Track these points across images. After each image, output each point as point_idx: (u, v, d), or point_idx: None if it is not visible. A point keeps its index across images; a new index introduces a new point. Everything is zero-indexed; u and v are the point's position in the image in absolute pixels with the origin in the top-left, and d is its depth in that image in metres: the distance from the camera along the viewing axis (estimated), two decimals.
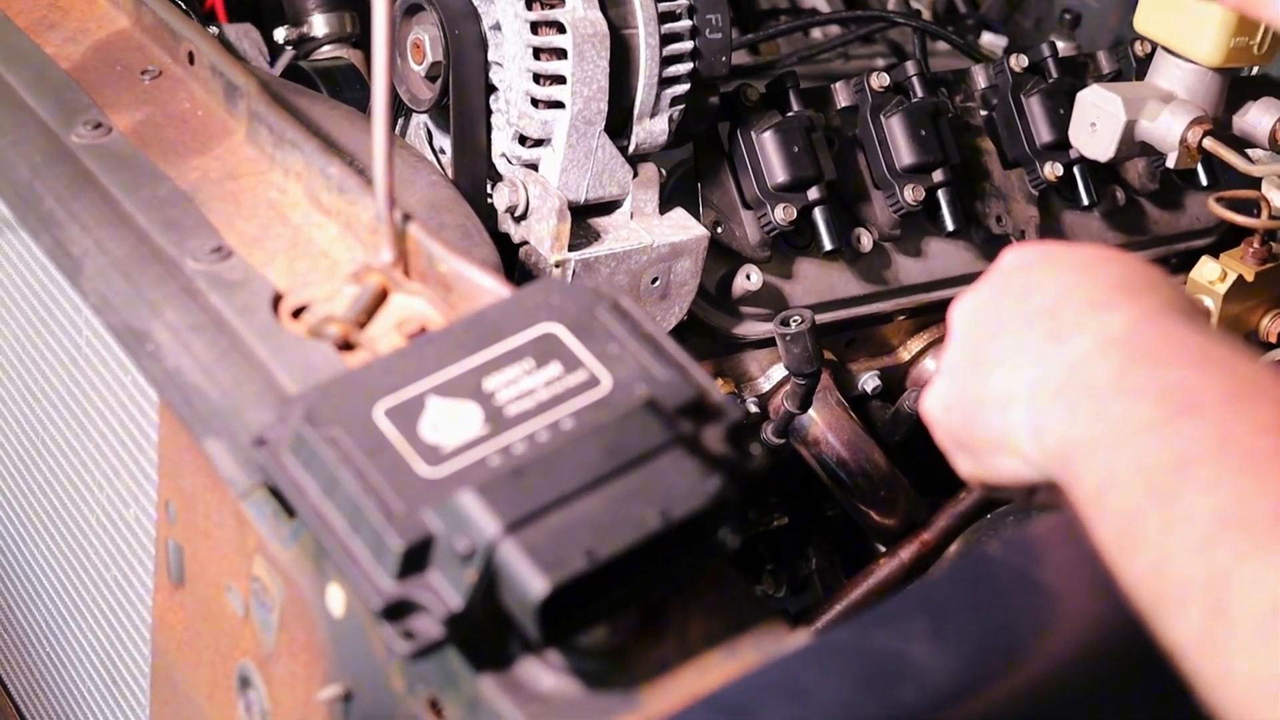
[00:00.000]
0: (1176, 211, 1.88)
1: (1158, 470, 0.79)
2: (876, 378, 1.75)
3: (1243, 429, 0.78)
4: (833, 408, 1.68)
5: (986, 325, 0.95)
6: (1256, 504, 0.74)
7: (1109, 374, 0.85)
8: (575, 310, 0.96)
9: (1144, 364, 0.84)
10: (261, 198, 1.17)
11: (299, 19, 1.86)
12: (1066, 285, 0.92)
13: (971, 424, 0.95)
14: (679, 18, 1.46)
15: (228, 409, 1.01)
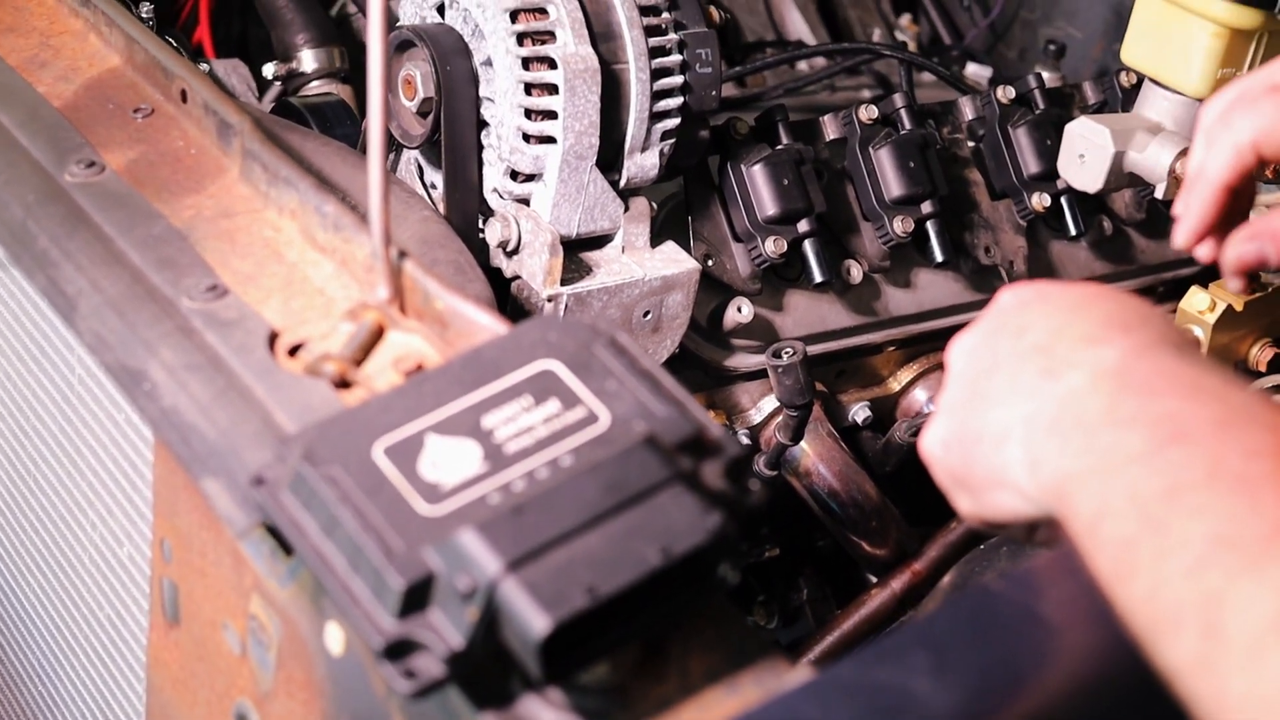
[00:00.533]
0: (1163, 241, 1.89)
1: (1150, 498, 0.79)
2: (867, 408, 1.76)
3: (1233, 455, 0.78)
4: (824, 439, 1.68)
5: (983, 363, 0.96)
6: (1247, 526, 0.75)
7: (1100, 406, 0.85)
8: (573, 347, 0.97)
9: (1135, 395, 0.85)
10: (256, 236, 1.17)
11: (288, 54, 1.87)
12: (1060, 323, 0.92)
13: (969, 461, 0.95)
14: (669, 53, 1.46)
15: (225, 448, 1.01)
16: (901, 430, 1.71)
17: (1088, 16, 2.36)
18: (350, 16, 2.04)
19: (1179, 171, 1.47)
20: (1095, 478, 0.83)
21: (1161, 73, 1.50)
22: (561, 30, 1.40)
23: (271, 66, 1.86)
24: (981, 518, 0.98)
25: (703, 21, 1.50)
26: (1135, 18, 1.52)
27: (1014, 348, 0.93)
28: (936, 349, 1.80)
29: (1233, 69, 1.46)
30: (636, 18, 1.44)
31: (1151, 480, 0.80)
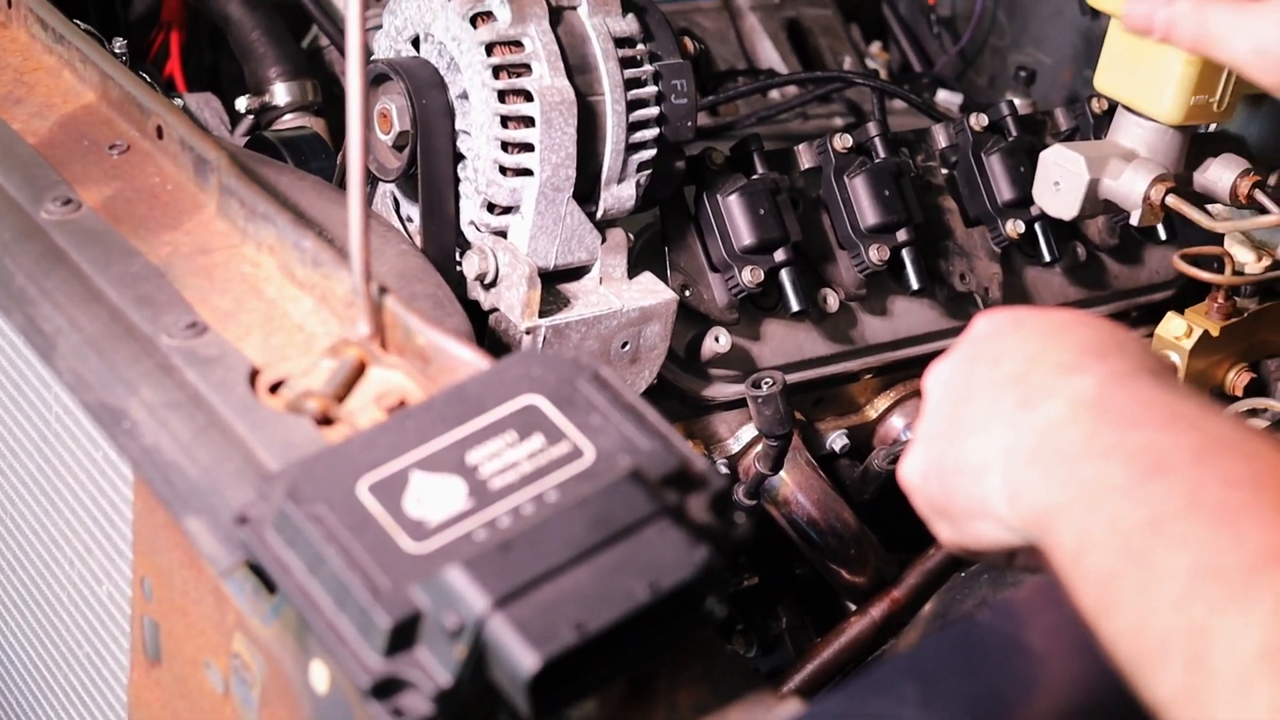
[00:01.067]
0: (1137, 266, 1.90)
1: (1132, 530, 0.79)
2: (844, 436, 1.76)
3: (1213, 484, 0.78)
4: (802, 467, 1.68)
5: (960, 392, 0.96)
6: (1231, 556, 0.75)
7: (1080, 437, 0.86)
8: (556, 381, 0.97)
9: (1113, 426, 0.85)
10: (235, 272, 1.17)
11: (260, 88, 1.87)
12: (1036, 350, 0.93)
13: (949, 491, 0.95)
14: (645, 84, 1.46)
15: (207, 486, 1.00)
16: (879, 458, 1.71)
17: (1057, 43, 2.37)
18: (322, 49, 2.04)
19: (1154, 199, 1.47)
20: (1077, 509, 0.83)
21: (1134, 100, 1.51)
22: (537, 63, 1.40)
23: (244, 100, 1.86)
24: (962, 546, 0.98)
25: (677, 52, 1.50)
26: (1107, 46, 1.52)
27: (991, 376, 0.93)
28: (913, 376, 1.80)
29: (1205, 95, 1.46)
30: (612, 50, 1.44)
31: (1133, 511, 0.80)
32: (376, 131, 1.46)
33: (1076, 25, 2.31)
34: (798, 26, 2.40)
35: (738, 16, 2.35)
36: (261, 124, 1.86)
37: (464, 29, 1.41)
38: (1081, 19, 2.28)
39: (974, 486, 0.92)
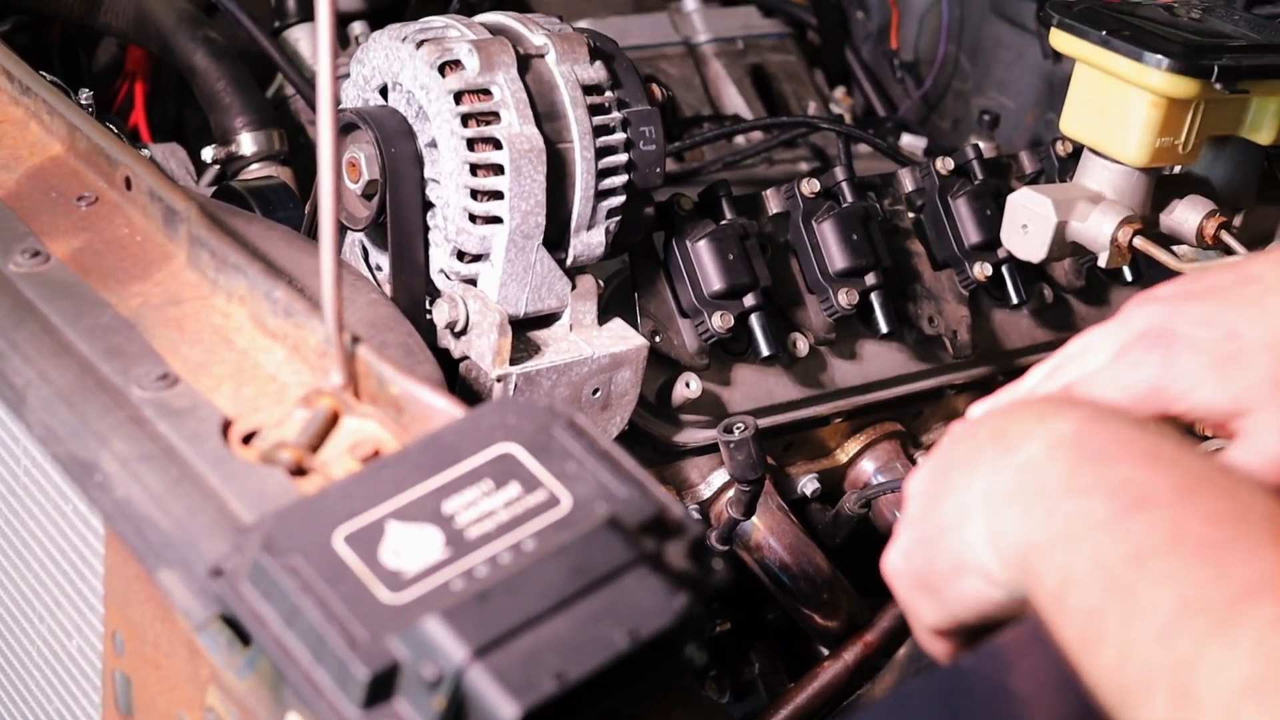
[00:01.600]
0: (1103, 307, 1.91)
1: (1115, 565, 0.80)
2: (815, 481, 1.76)
3: (1194, 520, 0.79)
4: (774, 512, 1.68)
5: (938, 472, 0.96)
6: (1214, 591, 0.75)
7: (1059, 475, 0.86)
8: (532, 429, 0.96)
9: (1093, 463, 0.85)
10: (205, 323, 1.17)
11: (226, 138, 1.86)
12: (1011, 412, 0.94)
13: (932, 557, 0.95)
14: (613, 131, 1.47)
15: (181, 539, 0.99)
16: (851, 502, 1.71)
17: (1019, 86, 2.39)
18: (288, 99, 2.04)
19: (1121, 240, 1.48)
20: (1059, 546, 0.83)
21: (1101, 143, 1.52)
22: (506, 111, 1.41)
23: (210, 150, 1.86)
24: (951, 618, 0.97)
25: (645, 99, 1.50)
26: (1073, 89, 1.53)
27: (968, 447, 0.94)
28: (883, 420, 1.80)
29: (1170, 138, 1.47)
30: (580, 97, 1.45)
31: (1115, 547, 0.80)
32: (345, 180, 1.46)
33: (1038, 69, 2.33)
34: (762, 72, 2.41)
35: (702, 62, 2.36)
36: (228, 174, 1.85)
37: (432, 77, 1.41)
38: (1043, 63, 2.30)
39: (955, 539, 0.92)
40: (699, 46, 2.39)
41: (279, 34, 2.06)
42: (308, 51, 2.05)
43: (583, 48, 1.47)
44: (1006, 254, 1.73)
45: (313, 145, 1.98)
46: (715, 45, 2.39)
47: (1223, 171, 1.65)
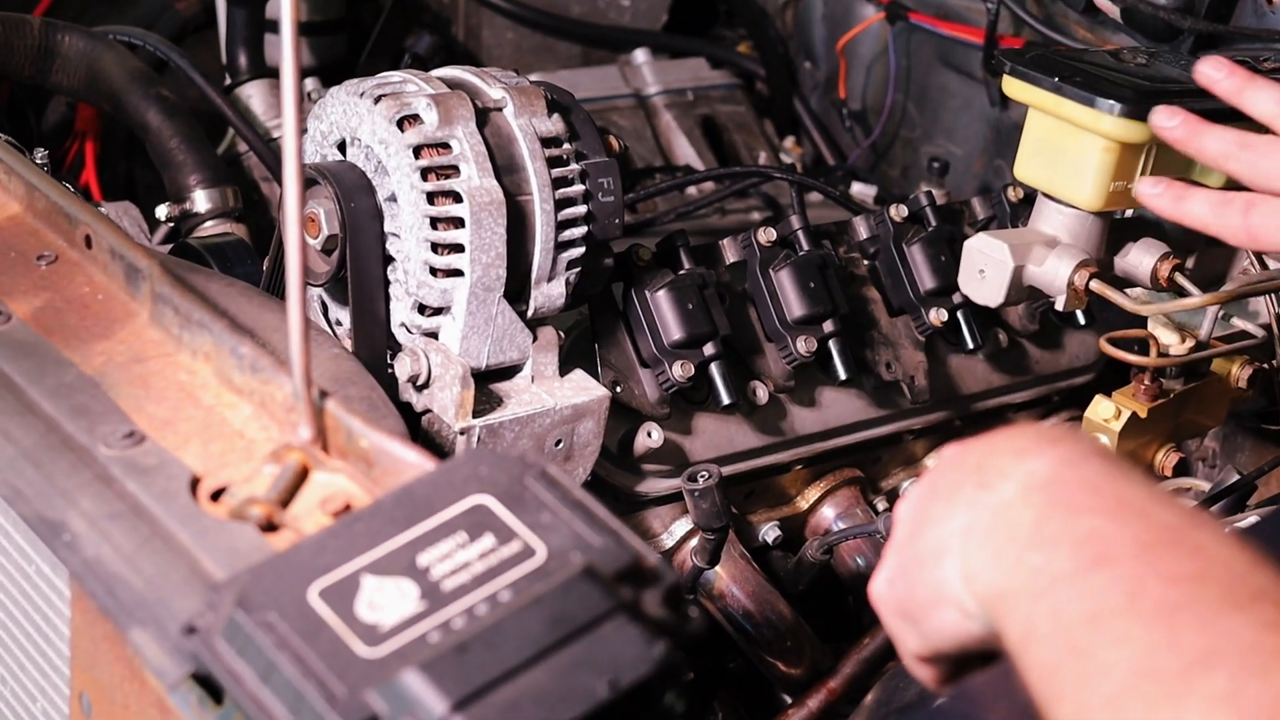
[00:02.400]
0: (1057, 351, 1.92)
1: (1073, 623, 0.80)
2: (777, 528, 1.76)
3: (1153, 580, 0.79)
4: (736, 560, 1.68)
5: (925, 500, 0.97)
6: (1166, 658, 0.75)
7: (1029, 521, 0.86)
8: (505, 480, 0.96)
9: (1061, 512, 0.86)
10: (171, 380, 1.16)
11: (180, 195, 1.86)
12: (996, 442, 0.94)
13: (912, 586, 0.95)
14: (572, 183, 1.47)
15: (153, 597, 0.99)
16: (813, 548, 1.72)
17: (967, 134, 2.41)
18: (240, 155, 2.04)
19: (1078, 284, 1.50)
20: (1024, 599, 0.84)
21: (1055, 187, 1.53)
22: (465, 164, 1.41)
23: (164, 208, 1.86)
24: (931, 648, 0.97)
25: (603, 151, 1.51)
26: (1026, 135, 1.55)
27: (953, 474, 0.94)
28: (842, 466, 1.81)
29: (1124, 182, 1.49)
30: (539, 149, 1.45)
31: (1075, 604, 0.81)
32: (305, 236, 1.46)
33: (986, 116, 2.35)
34: (712, 123, 2.43)
35: (653, 114, 2.38)
36: (182, 231, 1.85)
37: (391, 132, 1.41)
38: (991, 110, 2.32)
39: (934, 571, 0.92)
40: (649, 98, 2.41)
41: (230, 91, 2.07)
42: (260, 108, 2.05)
43: (540, 101, 1.47)
44: (961, 299, 1.74)
45: (267, 202, 1.98)
46: (665, 97, 2.41)
47: None
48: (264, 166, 1.97)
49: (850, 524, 1.77)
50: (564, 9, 2.56)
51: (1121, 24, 2.00)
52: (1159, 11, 1.89)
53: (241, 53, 2.07)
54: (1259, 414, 1.78)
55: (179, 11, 2.30)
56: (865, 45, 2.54)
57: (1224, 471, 1.63)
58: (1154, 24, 1.92)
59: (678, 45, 2.58)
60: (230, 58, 2.08)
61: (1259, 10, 1.87)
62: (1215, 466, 1.91)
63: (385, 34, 2.45)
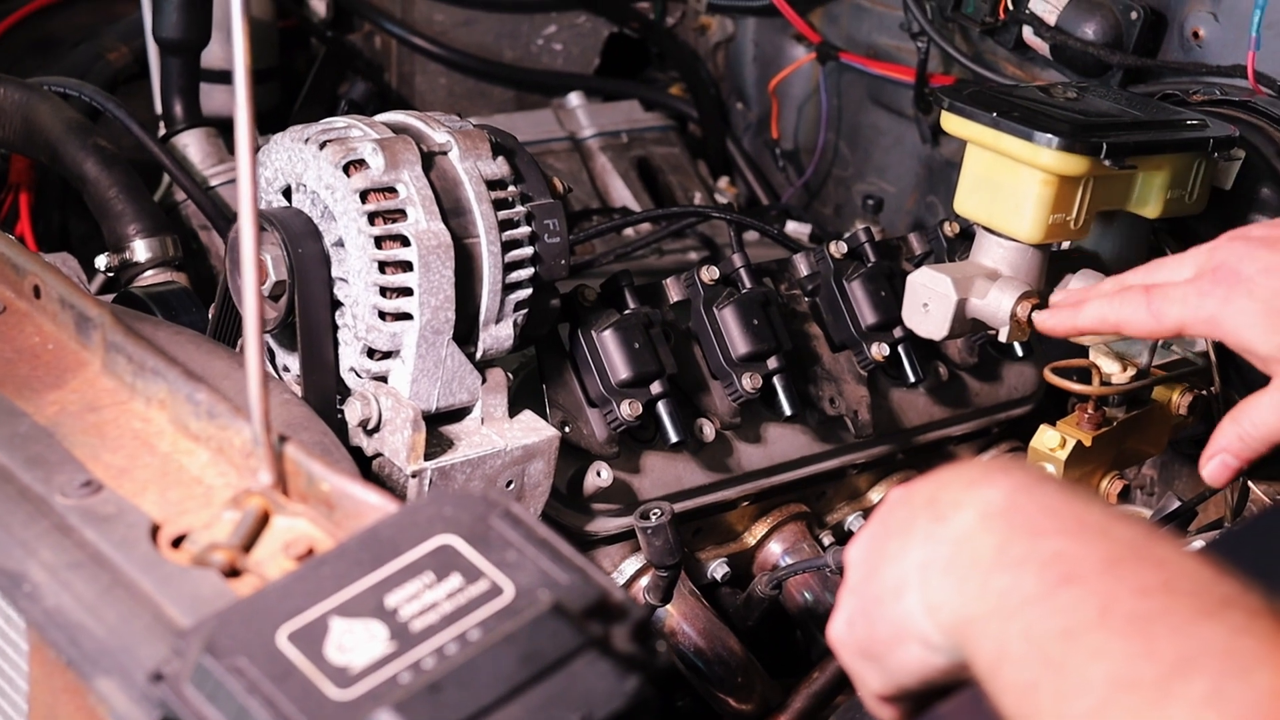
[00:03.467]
0: (996, 382, 1.94)
1: (1047, 641, 0.81)
2: (725, 565, 1.77)
3: (1124, 593, 0.80)
4: (686, 598, 1.69)
5: (876, 539, 0.97)
6: (1144, 667, 0.76)
7: (991, 548, 0.87)
8: (469, 520, 0.97)
9: (1023, 536, 0.87)
10: (125, 428, 1.16)
11: (120, 245, 1.85)
12: (943, 478, 0.95)
13: (872, 625, 0.96)
14: (518, 225, 1.48)
15: (117, 646, 0.98)
16: (762, 584, 1.72)
17: (899, 171, 2.44)
18: (178, 204, 2.04)
19: (1020, 316, 1.51)
20: (993, 621, 0.85)
21: (995, 221, 1.55)
22: (412, 208, 1.41)
23: (104, 258, 1.85)
24: (895, 686, 0.98)
25: (548, 192, 1.52)
26: (965, 170, 1.57)
27: (903, 513, 0.95)
28: (788, 501, 1.82)
29: (1062, 214, 1.51)
30: (484, 192, 1.46)
31: (1046, 622, 0.81)
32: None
33: (917, 153, 2.38)
34: (647, 164, 2.45)
35: (589, 157, 2.40)
36: (122, 281, 1.84)
37: (337, 177, 1.41)
38: (922, 147, 2.35)
39: (894, 608, 0.93)
40: (584, 141, 2.43)
41: (166, 140, 2.06)
42: (197, 157, 2.05)
43: (485, 144, 1.48)
44: (902, 334, 1.76)
45: (206, 250, 1.98)
46: (600, 139, 2.43)
47: (1111, 245, 1.70)
48: (203, 215, 1.97)
49: (798, 559, 1.78)
50: (496, 53, 2.57)
51: (1051, 60, 2.03)
52: (1088, 47, 1.92)
53: (177, 102, 2.06)
54: (1195, 440, 1.80)
55: (110, 62, 2.29)
56: (796, 85, 2.57)
57: (1164, 498, 1.65)
58: (1083, 59, 1.95)
59: (610, 88, 2.60)
60: (166, 107, 2.07)
61: (1186, 44, 1.90)
62: (1154, 494, 1.94)
63: (319, 81, 2.45)
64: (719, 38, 2.68)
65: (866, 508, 1.90)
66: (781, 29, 2.58)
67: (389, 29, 2.50)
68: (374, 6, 2.51)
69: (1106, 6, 1.95)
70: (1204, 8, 1.88)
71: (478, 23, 2.55)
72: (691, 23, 2.69)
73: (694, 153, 2.56)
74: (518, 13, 2.58)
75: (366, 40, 2.55)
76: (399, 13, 2.51)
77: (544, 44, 2.61)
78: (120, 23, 2.34)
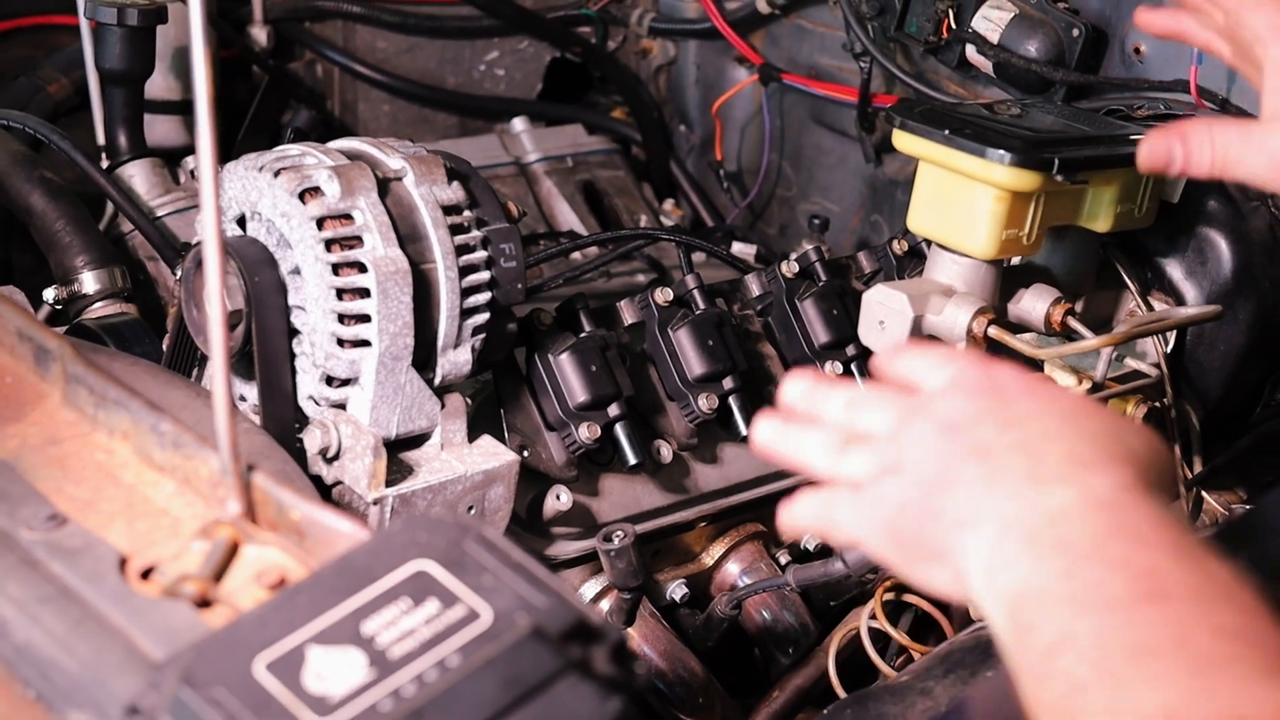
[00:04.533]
0: None
1: (1116, 650, 0.80)
2: (684, 586, 1.77)
3: (1202, 629, 0.80)
4: (647, 619, 1.69)
5: (953, 445, 0.94)
6: (1199, 708, 0.76)
7: (1088, 537, 0.86)
8: (444, 545, 0.96)
9: (1124, 538, 0.85)
10: (88, 460, 1.15)
11: (67, 277, 1.84)
12: (1052, 429, 0.92)
13: (920, 530, 0.94)
14: (474, 249, 1.48)
15: (90, 679, 0.97)
16: (722, 604, 1.73)
17: (842, 191, 2.45)
18: (125, 236, 2.02)
19: (977, 331, 1.53)
20: (1064, 608, 0.84)
21: (948, 238, 1.56)
22: (369, 234, 1.41)
23: (52, 290, 1.83)
24: (903, 576, 0.97)
25: (503, 217, 1.52)
26: (918, 187, 1.58)
27: (998, 439, 0.92)
28: (744, 521, 1.82)
29: (1015, 230, 1.52)
30: (440, 217, 1.46)
31: (1123, 633, 0.81)
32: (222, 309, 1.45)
33: (860, 173, 2.40)
34: (593, 188, 2.45)
35: (534, 181, 2.40)
36: (70, 313, 1.83)
37: (293, 205, 1.41)
38: (865, 166, 2.36)
39: (951, 536, 0.91)
40: (530, 165, 2.43)
41: (111, 171, 2.05)
42: (143, 188, 2.04)
43: (440, 169, 1.48)
44: (855, 352, 1.77)
45: (153, 281, 1.96)
46: (545, 164, 2.43)
47: (1062, 260, 1.71)
48: (150, 246, 1.95)
49: (755, 579, 1.78)
50: (439, 80, 2.57)
51: (994, 78, 2.05)
52: (1031, 64, 1.94)
53: (121, 132, 2.05)
54: None
55: (50, 94, 2.27)
56: (739, 107, 2.58)
57: None
58: (1026, 76, 1.97)
59: (553, 113, 2.60)
60: (110, 138, 2.06)
61: (1127, 60, 1.93)
62: None
63: (262, 111, 2.44)
64: (661, 61, 2.69)
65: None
66: (723, 51, 2.60)
67: (331, 57, 2.50)
68: (315, 35, 2.50)
69: (1048, 24, 1.97)
70: None
71: (420, 49, 2.55)
72: (633, 46, 2.69)
73: (638, 176, 2.57)
74: (460, 39, 2.58)
75: (308, 69, 2.54)
76: (341, 41, 2.51)
77: (486, 69, 2.61)
78: (59, 54, 2.32)
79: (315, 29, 2.51)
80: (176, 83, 2.28)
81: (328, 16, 2.50)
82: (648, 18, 2.66)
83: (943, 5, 2.03)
